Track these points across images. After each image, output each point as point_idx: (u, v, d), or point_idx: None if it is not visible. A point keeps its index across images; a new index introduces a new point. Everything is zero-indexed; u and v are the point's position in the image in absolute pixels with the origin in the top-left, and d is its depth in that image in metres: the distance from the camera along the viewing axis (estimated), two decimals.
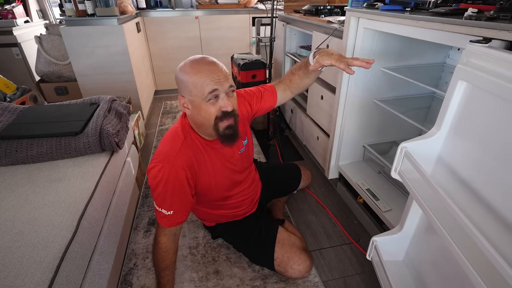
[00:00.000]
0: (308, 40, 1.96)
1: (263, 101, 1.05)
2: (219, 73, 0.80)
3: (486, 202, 0.62)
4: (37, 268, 0.66)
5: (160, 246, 0.91)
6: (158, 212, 0.88)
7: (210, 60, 0.83)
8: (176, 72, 0.85)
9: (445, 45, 1.26)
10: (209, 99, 0.80)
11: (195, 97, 0.81)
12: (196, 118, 0.86)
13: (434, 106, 1.38)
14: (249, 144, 1.08)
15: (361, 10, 1.10)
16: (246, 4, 2.75)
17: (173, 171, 0.85)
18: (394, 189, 1.30)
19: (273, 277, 1.09)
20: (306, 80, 1.02)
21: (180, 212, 0.89)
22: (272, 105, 1.08)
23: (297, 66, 1.03)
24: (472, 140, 0.66)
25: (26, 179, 0.94)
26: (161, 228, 0.90)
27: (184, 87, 0.82)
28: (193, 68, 0.81)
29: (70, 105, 1.30)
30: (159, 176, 0.84)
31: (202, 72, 0.79)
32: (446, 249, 0.76)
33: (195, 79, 0.79)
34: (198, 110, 0.82)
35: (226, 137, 0.85)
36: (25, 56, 2.53)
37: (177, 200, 0.87)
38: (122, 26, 1.94)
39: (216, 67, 0.81)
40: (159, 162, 0.86)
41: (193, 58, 0.84)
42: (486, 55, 0.60)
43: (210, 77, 0.79)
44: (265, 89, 1.06)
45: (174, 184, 0.85)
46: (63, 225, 0.78)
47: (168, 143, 0.90)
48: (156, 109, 2.67)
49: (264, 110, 1.08)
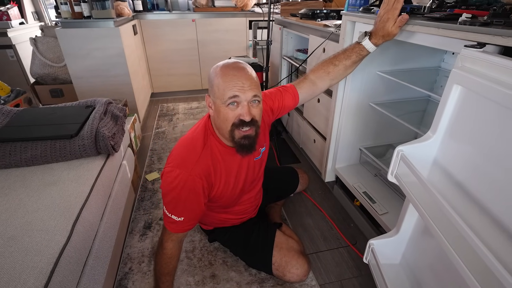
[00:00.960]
0: (304, 44, 1.97)
1: (284, 103, 1.02)
2: (245, 81, 0.78)
3: (482, 205, 0.63)
4: (30, 273, 0.65)
5: (166, 251, 0.90)
6: (167, 217, 0.87)
7: (240, 66, 0.81)
8: (210, 70, 0.85)
9: (440, 49, 1.28)
10: (229, 103, 0.78)
11: (217, 99, 0.80)
12: (215, 120, 0.85)
13: (429, 109, 1.39)
14: (266, 151, 1.06)
15: (357, 14, 1.11)
16: (243, 7, 2.76)
17: (190, 179, 0.83)
18: (391, 192, 1.31)
19: (270, 281, 1.09)
20: (351, 69, 1.00)
21: (190, 219, 0.88)
22: (292, 106, 1.05)
23: (341, 56, 0.99)
24: (467, 144, 0.67)
25: (20, 183, 0.93)
26: (168, 234, 0.89)
27: (211, 86, 0.83)
28: (221, 71, 0.80)
29: (65, 107, 1.29)
30: (175, 182, 0.82)
31: (227, 76, 0.78)
32: (442, 252, 0.77)
33: (220, 81, 0.79)
34: (217, 112, 0.82)
35: (242, 146, 0.83)
36: (19, 58, 2.50)
37: (189, 208, 0.86)
38: (118, 29, 1.93)
39: (243, 74, 0.79)
40: (176, 167, 0.84)
41: (226, 61, 0.84)
42: (480, 59, 0.61)
43: (233, 82, 0.77)
44: (286, 90, 1.03)
45: (189, 192, 0.84)
46: (57, 230, 0.76)
47: (187, 148, 0.88)
48: (153, 111, 2.66)
49: (285, 112, 1.05)
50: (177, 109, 2.71)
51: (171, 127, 2.34)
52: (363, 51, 0.95)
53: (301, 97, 1.04)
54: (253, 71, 0.83)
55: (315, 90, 1.04)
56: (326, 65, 1.01)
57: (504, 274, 0.46)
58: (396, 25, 0.87)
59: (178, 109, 2.71)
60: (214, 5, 2.76)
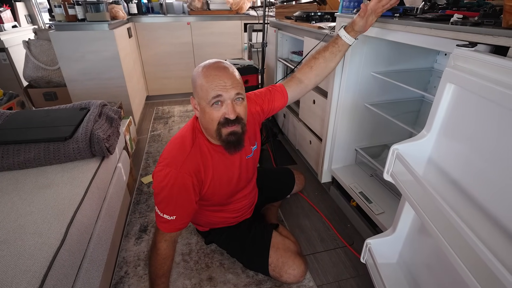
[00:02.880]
0: (299, 46, 1.99)
1: (274, 102, 1.04)
2: (227, 80, 0.79)
3: (477, 202, 0.64)
4: (22, 277, 0.64)
5: (160, 252, 0.89)
6: (159, 217, 0.87)
7: (222, 66, 0.82)
8: (193, 72, 0.86)
9: (432, 50, 1.30)
10: (213, 103, 0.79)
11: (202, 100, 0.81)
12: (202, 121, 0.86)
13: (423, 109, 1.41)
14: (257, 149, 1.07)
15: (351, 16, 1.12)
16: (238, 10, 2.78)
17: (180, 176, 0.83)
18: (387, 192, 1.31)
19: (268, 282, 1.08)
20: (332, 63, 1.02)
21: (182, 218, 0.88)
22: (282, 105, 1.06)
23: (320, 49, 1.02)
24: (461, 141, 0.68)
25: (13, 186, 0.91)
26: (161, 234, 0.89)
27: (194, 88, 0.83)
28: (203, 72, 0.81)
29: (59, 109, 1.28)
30: (165, 181, 0.83)
31: (209, 77, 0.79)
32: (438, 250, 0.77)
33: (203, 82, 0.79)
34: (203, 113, 0.83)
35: (229, 143, 0.84)
36: (12, 61, 2.48)
37: (181, 206, 0.86)
38: (113, 31, 1.93)
39: (225, 73, 0.80)
40: (166, 166, 0.84)
41: (208, 61, 0.84)
42: (472, 58, 0.62)
43: (216, 82, 0.78)
44: (275, 89, 1.05)
45: (180, 190, 0.84)
46: (50, 233, 0.75)
47: (176, 147, 0.89)
48: (148, 114, 2.64)
49: (275, 111, 1.07)
50: (172, 112, 2.70)
51: (167, 130, 2.33)
52: (339, 40, 0.99)
53: (290, 96, 1.05)
54: (234, 69, 0.84)
55: (302, 88, 1.06)
56: (309, 61, 1.04)
57: (500, 268, 0.46)
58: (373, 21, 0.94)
59: (174, 112, 2.70)
60: (209, 8, 2.77)
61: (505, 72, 0.55)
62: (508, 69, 0.55)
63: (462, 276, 0.54)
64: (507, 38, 0.59)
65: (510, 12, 0.58)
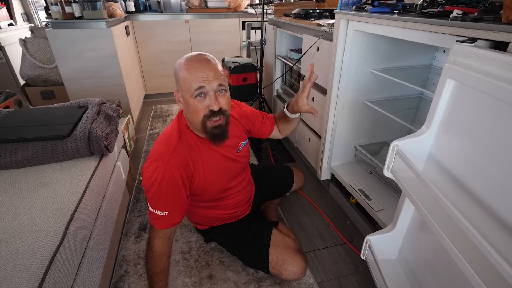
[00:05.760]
0: (298, 43, 1.99)
1: (263, 127, 1.12)
2: (209, 72, 0.80)
3: (477, 197, 0.64)
4: (22, 276, 0.63)
5: (154, 249, 0.89)
6: (152, 214, 0.87)
7: (204, 58, 0.83)
8: (175, 65, 0.86)
9: (431, 47, 1.30)
10: (196, 95, 0.80)
11: (185, 93, 0.82)
12: (186, 114, 0.87)
13: (422, 106, 1.41)
14: (246, 146, 1.10)
15: (350, 13, 1.12)
16: (236, 8, 2.77)
17: (168, 170, 0.84)
18: (386, 189, 1.32)
19: (268, 280, 1.08)
20: (290, 126, 1.14)
21: (175, 213, 0.88)
22: (266, 135, 1.15)
23: (277, 118, 1.15)
24: (461, 137, 0.68)
25: (11, 185, 0.90)
26: (155, 231, 0.88)
27: (177, 81, 0.84)
28: (185, 64, 0.82)
29: (57, 108, 1.27)
30: (154, 176, 0.83)
31: (191, 69, 0.80)
32: (438, 246, 0.77)
33: (186, 74, 0.80)
34: (187, 106, 0.84)
35: (214, 136, 0.86)
36: (9, 59, 2.45)
37: (172, 200, 0.86)
38: (110, 29, 1.91)
39: (207, 65, 0.81)
40: (153, 161, 0.85)
41: (189, 54, 0.85)
42: (472, 54, 0.62)
43: (198, 74, 0.79)
44: (267, 118, 1.14)
45: (169, 184, 0.84)
46: (50, 231, 0.75)
47: (163, 143, 0.90)
48: (146, 113, 2.63)
49: (258, 136, 1.14)
50: (171, 110, 2.69)
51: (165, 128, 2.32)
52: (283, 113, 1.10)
53: (274, 131, 1.15)
54: (217, 61, 0.85)
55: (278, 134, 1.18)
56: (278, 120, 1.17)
57: (500, 262, 0.46)
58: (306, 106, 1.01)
59: (172, 110, 2.69)
60: (207, 6, 2.76)
61: (505, 67, 0.55)
62: (508, 64, 0.55)
63: (462, 270, 0.55)
64: (507, 34, 0.59)
65: (510, 7, 0.58)
